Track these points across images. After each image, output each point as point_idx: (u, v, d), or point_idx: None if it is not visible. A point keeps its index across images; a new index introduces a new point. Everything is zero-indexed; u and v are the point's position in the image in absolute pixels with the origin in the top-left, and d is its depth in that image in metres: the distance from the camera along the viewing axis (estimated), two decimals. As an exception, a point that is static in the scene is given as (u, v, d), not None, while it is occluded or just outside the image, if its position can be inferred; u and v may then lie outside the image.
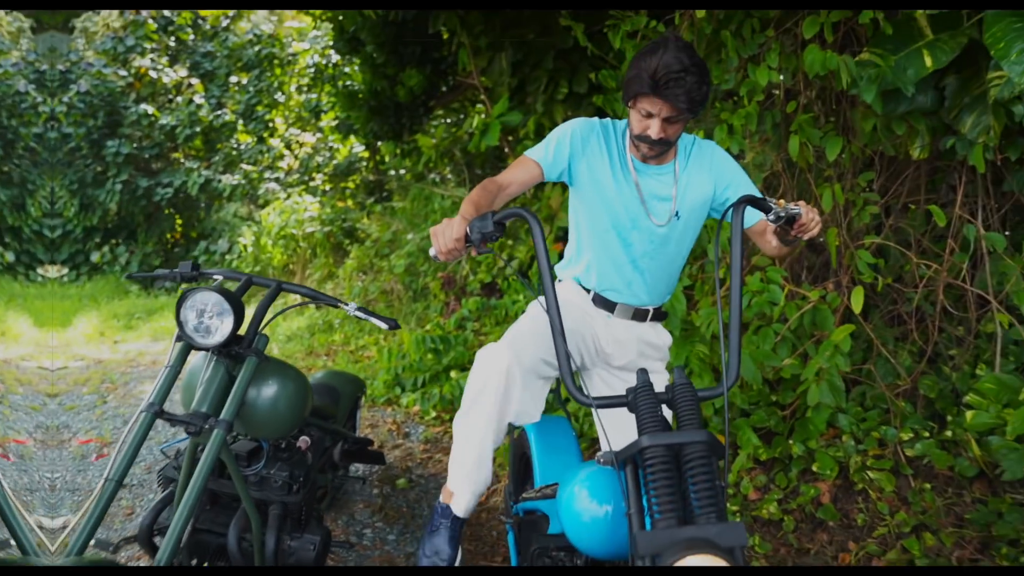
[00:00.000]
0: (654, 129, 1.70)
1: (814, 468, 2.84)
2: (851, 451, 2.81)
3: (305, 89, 13.59)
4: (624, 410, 1.32)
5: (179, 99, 11.30)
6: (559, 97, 5.62)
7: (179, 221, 11.64)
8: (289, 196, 11.27)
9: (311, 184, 12.39)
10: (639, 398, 1.24)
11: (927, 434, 2.78)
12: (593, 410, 1.32)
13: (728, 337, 1.38)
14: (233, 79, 12.47)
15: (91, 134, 10.02)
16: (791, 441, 2.95)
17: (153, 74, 11.21)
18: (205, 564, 2.12)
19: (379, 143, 9.29)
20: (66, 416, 4.43)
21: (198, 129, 10.95)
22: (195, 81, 11.71)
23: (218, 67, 12.36)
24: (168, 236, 11.51)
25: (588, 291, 1.95)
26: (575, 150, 1.81)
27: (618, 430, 1.44)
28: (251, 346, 1.87)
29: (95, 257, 11.14)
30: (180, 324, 1.79)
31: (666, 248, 1.88)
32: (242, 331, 1.89)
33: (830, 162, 2.78)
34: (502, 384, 1.71)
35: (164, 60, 11.61)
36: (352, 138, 11.01)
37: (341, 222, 10.31)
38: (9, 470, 3.48)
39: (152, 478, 3.31)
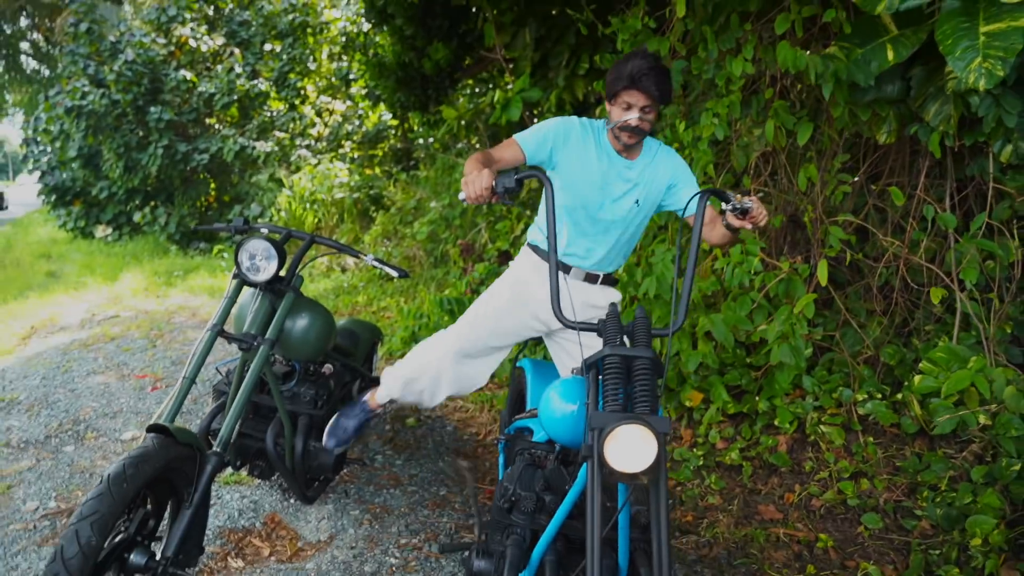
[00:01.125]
0: (634, 117, 2.05)
1: (776, 423, 3.19)
2: (809, 408, 3.15)
3: (336, 57, 13.99)
4: (588, 348, 1.70)
5: (219, 67, 11.72)
6: (580, 72, 5.74)
7: (213, 185, 12.14)
8: (320, 163, 11.71)
9: (340, 151, 12.84)
10: (607, 324, 1.60)
11: (880, 396, 3.10)
12: (577, 332, 1.68)
13: (680, 291, 1.72)
14: (267, 47, 12.89)
15: (136, 100, 10.51)
16: (758, 398, 3.30)
17: (192, 43, 11.64)
18: (247, 465, 2.58)
19: (407, 113, 9.62)
20: (123, 356, 4.95)
21: (235, 97, 11.37)
22: (236, 51, 12.13)
23: (253, 35, 12.77)
24: (202, 200, 12.01)
25: (543, 250, 2.31)
26: (557, 143, 2.15)
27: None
28: (290, 284, 2.30)
29: (137, 217, 11.72)
30: (237, 264, 2.22)
31: (626, 228, 2.24)
32: (283, 273, 2.31)
33: (800, 145, 3.08)
34: (430, 377, 2.44)
35: (203, 29, 12.03)
36: (381, 106, 11.38)
37: (368, 189, 10.73)
38: (93, 396, 4.00)
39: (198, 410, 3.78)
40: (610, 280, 2.37)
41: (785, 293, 3.36)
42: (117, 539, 1.80)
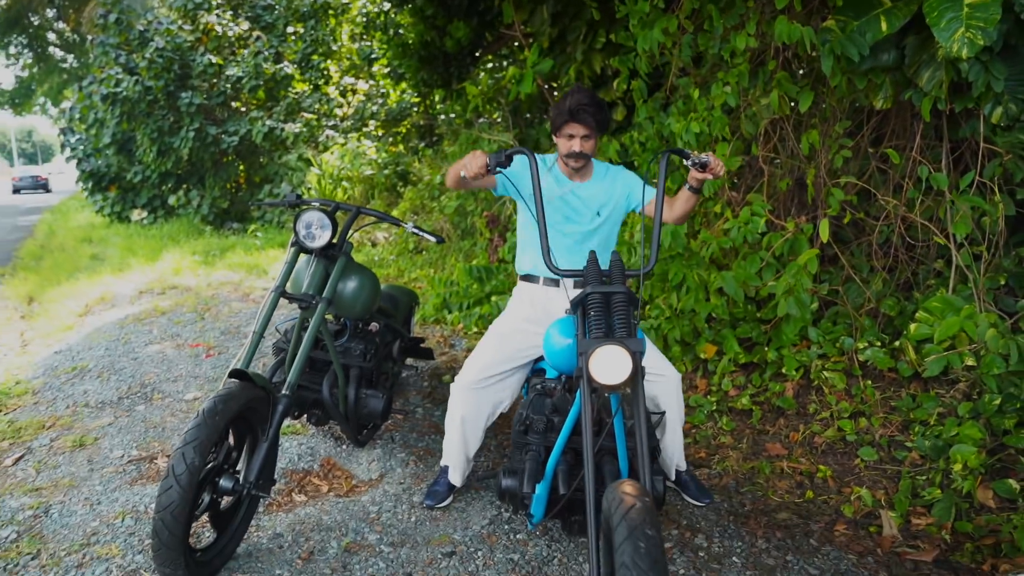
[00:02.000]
0: (576, 145, 2.37)
1: (783, 371, 3.46)
2: (814, 357, 3.41)
3: (358, 37, 14.24)
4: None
5: (245, 52, 12.02)
6: (597, 46, 5.91)
7: (242, 167, 12.51)
8: (347, 142, 12.02)
9: (365, 130, 13.14)
10: (588, 269, 1.88)
11: (879, 344, 3.35)
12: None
13: (650, 240, 2.01)
14: (290, 30, 13.16)
15: (167, 86, 10.86)
16: (767, 348, 3.57)
17: (218, 29, 11.94)
18: (306, 414, 2.92)
19: (430, 91, 9.87)
20: (176, 328, 5.33)
21: (262, 81, 11.68)
22: (261, 36, 12.41)
23: (277, 19, 13.04)
24: (232, 181, 12.39)
25: (538, 278, 2.57)
26: (516, 179, 2.41)
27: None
28: (341, 249, 2.61)
29: (172, 200, 12.14)
30: (296, 233, 2.53)
31: (597, 236, 2.53)
32: (335, 240, 2.62)
33: (802, 113, 3.30)
34: (457, 418, 2.50)
35: (228, 15, 12.32)
36: (403, 84, 11.62)
37: (395, 165, 11.04)
38: (153, 363, 4.38)
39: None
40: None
41: (791, 251, 3.60)
42: (209, 466, 2.14)
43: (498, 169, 2.08)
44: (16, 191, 31.99)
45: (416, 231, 2.86)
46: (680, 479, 2.62)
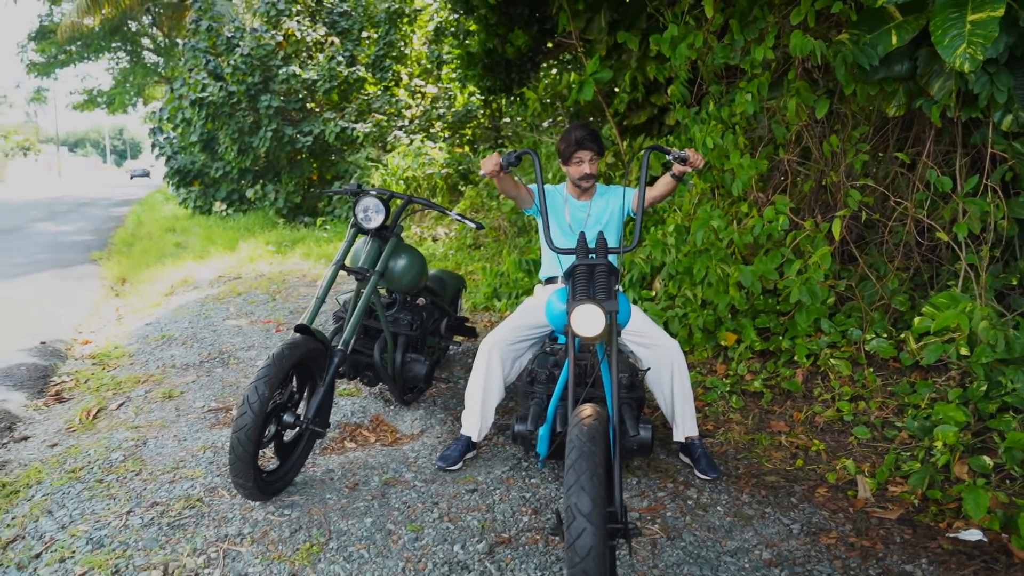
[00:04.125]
0: (586, 167, 2.90)
1: (795, 358, 3.72)
2: (823, 345, 3.66)
3: (429, 42, 14.87)
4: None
5: (320, 56, 12.76)
6: (651, 54, 6.22)
7: (315, 165, 13.28)
8: (412, 142, 12.62)
9: (432, 132, 13.73)
10: (578, 246, 2.24)
11: (885, 335, 3.57)
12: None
13: (635, 226, 2.38)
14: (364, 35, 13.88)
15: (249, 90, 11.67)
16: (782, 338, 3.83)
17: (298, 34, 12.72)
18: (359, 376, 3.37)
19: (493, 96, 10.32)
20: (250, 307, 5.93)
21: (335, 84, 12.38)
22: (336, 40, 13.16)
23: (352, 24, 13.78)
24: (306, 178, 13.17)
25: (556, 279, 3.03)
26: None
27: None
28: (393, 231, 3.05)
29: (249, 194, 13.00)
30: (354, 215, 2.98)
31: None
32: (388, 223, 3.06)
33: (821, 120, 3.56)
34: (483, 368, 2.87)
35: (307, 21, 13.10)
36: (469, 87, 12.12)
37: (457, 166, 11.55)
38: (230, 335, 4.95)
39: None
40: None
41: (810, 248, 3.85)
42: (275, 403, 2.59)
43: (509, 168, 2.54)
44: (132, 178, 44.42)
45: (459, 218, 3.27)
46: (692, 450, 2.91)
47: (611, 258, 2.34)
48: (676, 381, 2.79)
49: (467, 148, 13.21)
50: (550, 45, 9.13)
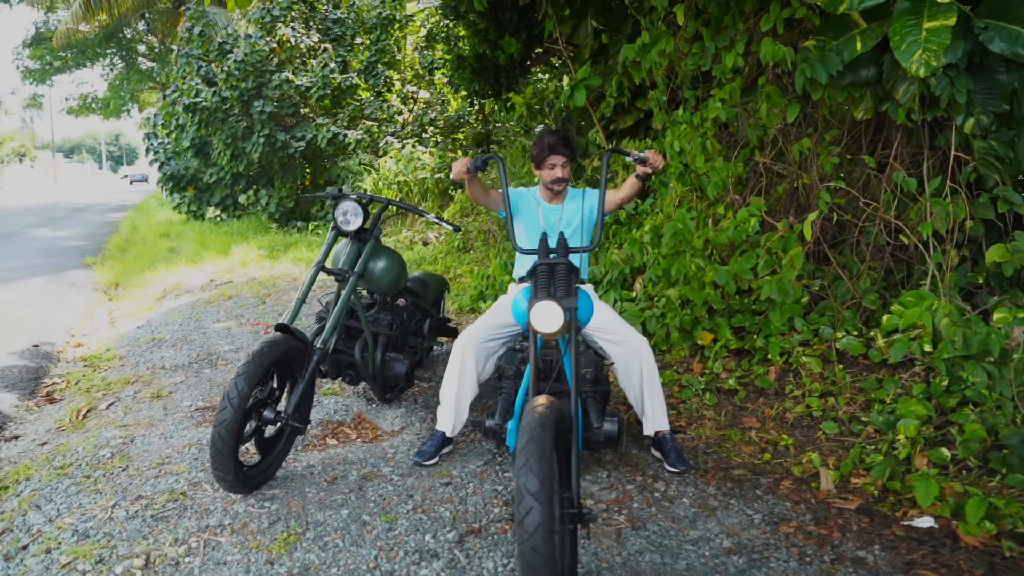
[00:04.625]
0: (559, 172, 3.00)
1: (769, 356, 3.81)
2: (796, 343, 3.75)
3: (421, 47, 14.99)
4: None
5: (314, 62, 12.86)
6: (637, 59, 6.31)
7: (308, 170, 13.36)
8: (404, 147, 12.72)
9: (424, 136, 13.84)
10: (540, 247, 2.33)
11: (856, 333, 3.67)
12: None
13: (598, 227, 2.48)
14: (357, 40, 13.99)
15: (243, 96, 11.76)
16: (756, 336, 3.93)
17: (292, 40, 12.82)
18: (342, 375, 3.45)
19: (482, 100, 10.43)
20: (239, 310, 6.01)
21: (329, 91, 12.48)
22: (329, 47, 13.26)
23: (345, 31, 13.88)
24: (299, 183, 13.26)
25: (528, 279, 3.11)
26: (514, 203, 3.08)
27: None
28: (371, 233, 3.14)
29: (242, 199, 13.08)
30: (334, 218, 3.07)
31: (577, 240, 3.06)
32: (367, 226, 3.15)
33: (791, 124, 3.66)
34: (457, 364, 2.93)
35: (301, 27, 13.20)
36: (463, 92, 12.25)
37: (448, 170, 11.65)
38: (219, 337, 5.03)
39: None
40: (580, 282, 3.16)
41: (783, 248, 3.95)
42: (256, 399, 2.68)
43: (476, 172, 2.69)
44: (132, 183, 45.95)
45: (436, 220, 3.37)
46: (662, 444, 3.00)
47: (574, 257, 2.44)
48: (645, 376, 2.88)
49: (459, 152, 13.32)
50: (539, 51, 9.25)
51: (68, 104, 27.35)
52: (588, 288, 3.18)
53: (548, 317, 2.05)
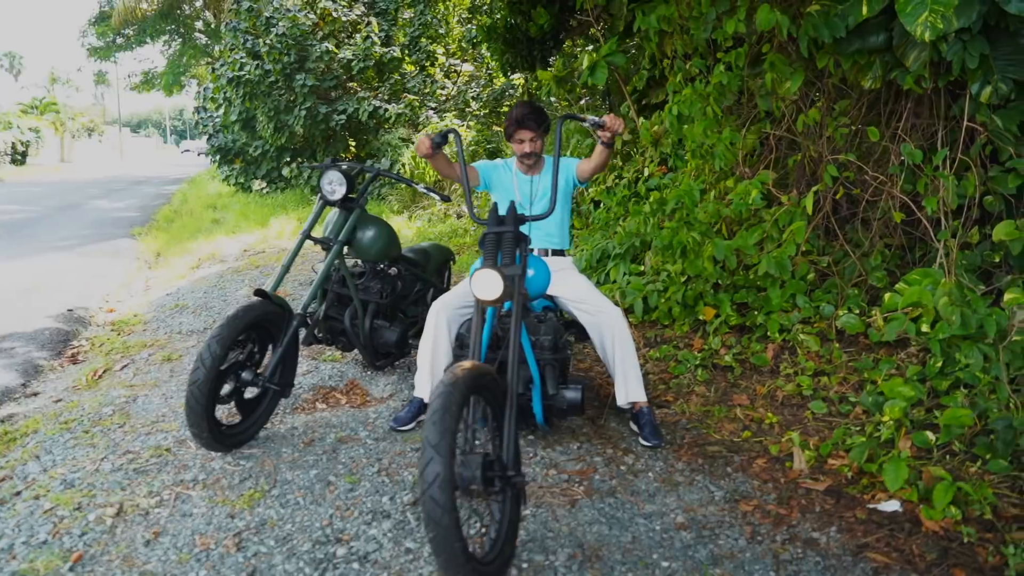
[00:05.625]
0: (527, 147, 3.00)
1: (767, 333, 3.72)
2: (795, 321, 3.65)
3: (465, 21, 14.93)
4: None
5: (356, 36, 12.96)
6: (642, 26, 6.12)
7: (352, 143, 13.53)
8: (443, 120, 12.75)
9: (466, 111, 13.83)
10: (491, 216, 2.32)
11: (857, 311, 3.54)
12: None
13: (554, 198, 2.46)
14: (405, 15, 14.03)
15: (285, 69, 11.95)
16: (757, 313, 3.83)
17: (334, 13, 12.93)
18: (335, 344, 3.51)
19: (513, 73, 10.33)
20: (264, 279, 6.18)
21: (371, 63, 12.58)
22: (373, 20, 13.34)
23: (390, 4, 13.92)
24: (342, 156, 13.44)
25: None
26: (487, 176, 3.17)
27: None
28: (357, 203, 3.18)
29: (286, 172, 13.36)
30: (320, 188, 3.12)
31: (551, 216, 2.93)
32: (354, 196, 3.20)
33: (791, 92, 3.52)
34: (431, 331, 2.92)
35: (344, 1, 13.30)
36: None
37: (486, 144, 11.64)
38: (238, 304, 5.19)
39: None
40: (560, 253, 3.18)
41: (788, 223, 3.83)
42: (233, 361, 2.76)
43: (438, 148, 2.73)
44: (199, 155, 44.29)
45: (426, 191, 3.38)
46: (639, 417, 2.99)
47: (549, 225, 2.40)
48: (618, 347, 2.86)
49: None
50: (573, 23, 9.10)
51: (131, 81, 28.33)
52: (565, 260, 3.17)
53: (487, 285, 2.05)
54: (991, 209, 3.40)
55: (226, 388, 2.78)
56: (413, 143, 12.68)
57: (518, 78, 12.82)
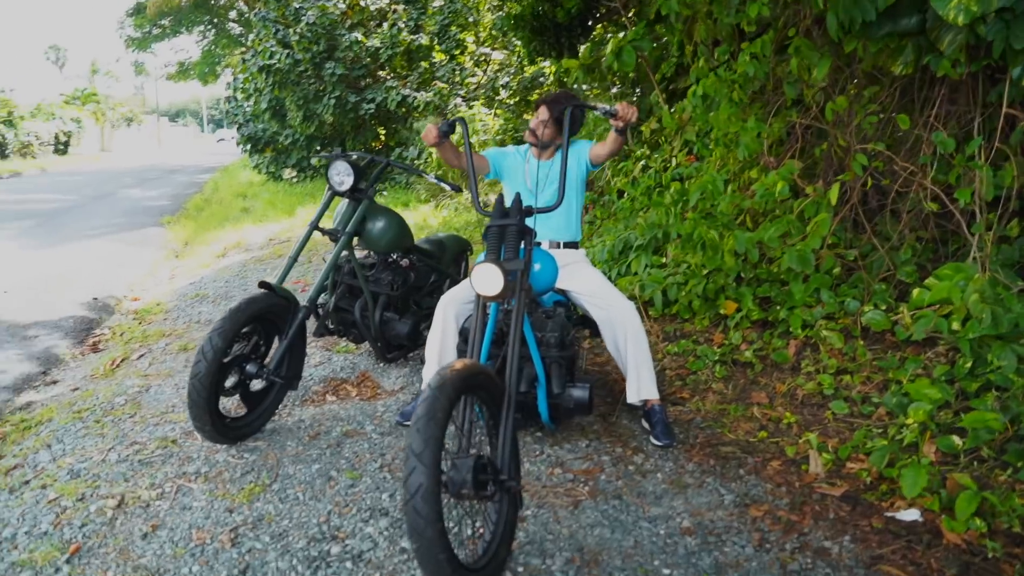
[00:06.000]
0: (537, 123, 2.96)
1: (790, 329, 3.59)
2: (818, 316, 3.52)
3: (495, 8, 14.79)
4: None
5: (384, 24, 12.93)
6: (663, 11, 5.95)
7: (381, 131, 13.53)
8: (471, 108, 12.67)
9: (497, 99, 13.72)
10: (496, 208, 2.24)
11: (884, 307, 3.39)
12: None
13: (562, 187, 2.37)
14: (435, 4, 13.95)
15: (314, 58, 11.98)
16: (780, 308, 3.70)
17: (363, 3, 12.92)
18: (347, 336, 3.48)
19: (540, 59, 10.19)
20: (281, 266, 6.20)
21: (398, 51, 12.53)
22: (400, 9, 13.29)
23: (418, -8, 13.86)
24: (371, 144, 13.46)
25: None
26: (497, 164, 3.11)
27: None
28: (366, 193, 3.13)
29: (314, 161, 13.42)
30: (328, 179, 3.08)
31: (565, 197, 2.83)
32: (363, 186, 3.15)
33: (818, 79, 3.37)
34: (439, 324, 2.86)
35: (372, -11, 13.28)
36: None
37: (513, 132, 11.54)
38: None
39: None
40: (572, 245, 3.07)
41: (814, 214, 3.69)
42: (238, 353, 2.74)
43: (444, 136, 2.69)
44: (235, 143, 46.18)
45: (436, 181, 3.32)
46: (651, 415, 2.90)
47: (558, 216, 2.31)
48: (631, 343, 2.77)
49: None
50: (602, 10, 8.93)
51: (167, 70, 28.77)
52: (576, 253, 3.08)
53: (487, 280, 1.98)
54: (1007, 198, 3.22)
55: (230, 381, 2.76)
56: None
57: (548, 66, 12.69)
